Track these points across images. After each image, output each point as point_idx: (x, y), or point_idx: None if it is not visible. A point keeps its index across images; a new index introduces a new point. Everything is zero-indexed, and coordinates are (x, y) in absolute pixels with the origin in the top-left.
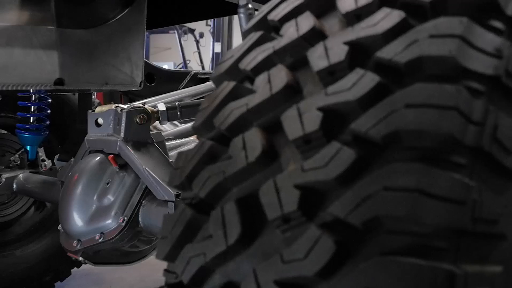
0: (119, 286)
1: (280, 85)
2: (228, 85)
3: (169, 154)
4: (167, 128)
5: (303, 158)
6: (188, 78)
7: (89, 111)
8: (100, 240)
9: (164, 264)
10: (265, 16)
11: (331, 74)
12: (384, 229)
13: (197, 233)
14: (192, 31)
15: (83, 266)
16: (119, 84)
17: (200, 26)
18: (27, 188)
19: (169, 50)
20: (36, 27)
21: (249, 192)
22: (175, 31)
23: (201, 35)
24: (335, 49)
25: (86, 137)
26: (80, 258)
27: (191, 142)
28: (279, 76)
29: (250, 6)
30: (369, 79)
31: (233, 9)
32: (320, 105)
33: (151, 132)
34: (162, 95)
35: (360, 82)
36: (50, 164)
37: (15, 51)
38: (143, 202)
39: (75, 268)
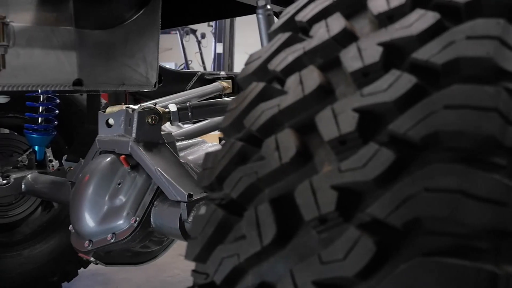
0: (126, 286)
1: (313, 86)
2: (257, 86)
3: (179, 154)
4: (170, 129)
5: (338, 159)
6: (195, 78)
7: (100, 111)
8: (112, 240)
9: (169, 265)
10: (292, 17)
11: (365, 75)
12: (425, 230)
13: (229, 234)
14: (194, 31)
15: (89, 266)
16: (135, 84)
17: (202, 26)
18: (36, 189)
19: (170, 51)
20: (55, 27)
21: (282, 192)
22: (177, 32)
23: (203, 36)
24: (369, 50)
25: (97, 138)
26: (92, 259)
27: (201, 143)
28: (311, 77)
29: (268, 7)
30: (405, 80)
31: (249, 10)
32: (356, 106)
33: (162, 133)
34: (171, 96)
35: (397, 83)
36: (58, 164)
37: (35, 51)
38: (155, 202)
39: (82, 269)
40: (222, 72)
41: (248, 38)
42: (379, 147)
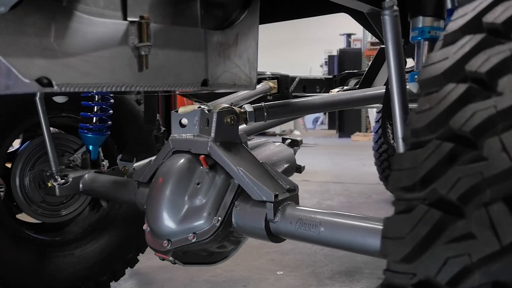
0: (171, 286)
1: None
2: (457, 87)
3: None
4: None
5: None
6: None
7: (173, 111)
8: (194, 240)
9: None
10: (476, 18)
11: None
12: None
13: (442, 234)
14: None
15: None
16: (242, 85)
17: None
18: (94, 188)
19: None
20: (186, 28)
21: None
22: None
23: None
24: None
25: (170, 138)
26: (171, 258)
27: (267, 143)
28: None
29: (395, 7)
30: None
31: (338, 9)
32: None
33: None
34: (226, 97)
35: None
36: (107, 164)
37: (170, 52)
38: (236, 202)
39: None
40: (268, 72)
41: None
42: None
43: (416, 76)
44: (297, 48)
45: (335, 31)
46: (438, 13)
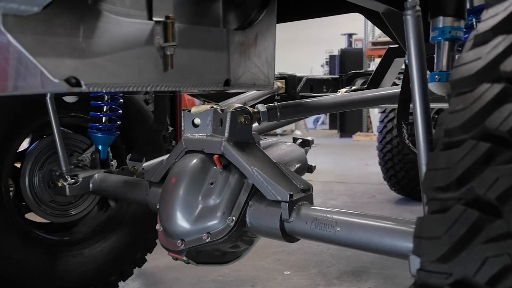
0: (179, 286)
1: None
2: (493, 87)
3: None
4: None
5: None
6: None
7: (185, 111)
8: (208, 240)
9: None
10: (509, 18)
11: None
12: None
13: (479, 233)
14: None
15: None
16: (261, 85)
17: None
18: (104, 188)
19: None
20: (209, 28)
21: None
22: None
23: None
24: None
25: (182, 138)
26: (184, 258)
27: (279, 142)
28: None
29: (418, 7)
30: None
31: (356, 8)
32: None
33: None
34: (237, 97)
35: None
36: (116, 164)
37: (194, 52)
38: (250, 202)
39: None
40: (275, 72)
41: None
42: None
43: (436, 76)
44: (297, 48)
45: (336, 31)
46: (458, 13)
